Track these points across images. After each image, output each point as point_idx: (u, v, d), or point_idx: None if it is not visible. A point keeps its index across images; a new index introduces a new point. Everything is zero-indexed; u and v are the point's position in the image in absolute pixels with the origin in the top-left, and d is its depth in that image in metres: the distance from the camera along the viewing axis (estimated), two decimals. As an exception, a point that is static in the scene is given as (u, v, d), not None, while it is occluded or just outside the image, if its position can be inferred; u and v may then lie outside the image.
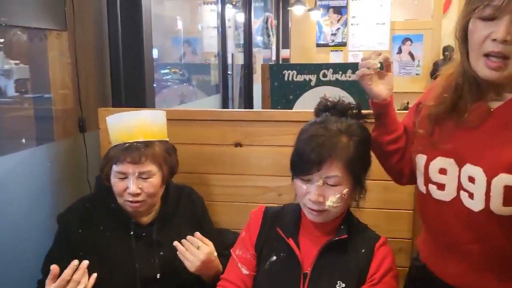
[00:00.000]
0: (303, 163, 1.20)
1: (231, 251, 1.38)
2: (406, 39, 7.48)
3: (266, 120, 1.76)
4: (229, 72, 4.09)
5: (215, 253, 1.40)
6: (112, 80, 2.02)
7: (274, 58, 6.50)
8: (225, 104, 4.00)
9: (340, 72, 3.74)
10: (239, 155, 1.80)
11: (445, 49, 6.95)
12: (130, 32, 2.00)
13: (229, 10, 4.73)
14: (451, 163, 1.11)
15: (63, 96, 1.81)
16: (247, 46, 4.72)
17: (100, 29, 1.97)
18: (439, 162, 1.13)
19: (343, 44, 7.49)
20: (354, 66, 3.80)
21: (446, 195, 1.13)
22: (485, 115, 1.09)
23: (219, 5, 4.04)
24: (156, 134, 1.45)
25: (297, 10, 6.24)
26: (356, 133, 1.23)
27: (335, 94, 3.75)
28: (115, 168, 1.39)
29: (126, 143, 1.38)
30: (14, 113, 1.83)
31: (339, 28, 7.48)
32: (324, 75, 3.77)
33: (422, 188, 1.19)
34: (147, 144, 1.40)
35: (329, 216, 1.23)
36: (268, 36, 5.66)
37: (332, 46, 7.53)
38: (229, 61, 4.10)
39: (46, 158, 1.68)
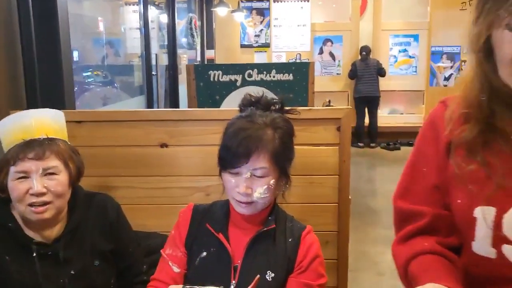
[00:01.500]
0: (231, 157, 1.22)
1: (161, 251, 1.36)
2: (327, 40, 7.74)
3: (191, 120, 1.74)
4: (153, 73, 4.00)
5: None
6: (26, 81, 1.89)
7: (199, 58, 6.46)
8: (150, 105, 3.92)
9: (265, 72, 3.81)
10: (165, 155, 1.76)
11: (362, 49, 7.28)
12: (45, 30, 1.89)
13: (152, 11, 4.64)
14: None
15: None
16: (171, 47, 4.65)
17: (9, 26, 1.84)
18: None
19: (266, 45, 7.61)
20: (278, 66, 3.89)
21: None
22: None
23: (141, 5, 3.95)
24: (58, 132, 1.33)
25: (220, 11, 6.25)
26: (281, 125, 1.27)
27: (260, 93, 3.76)
28: (13, 169, 1.23)
29: (27, 140, 1.25)
30: None
31: (262, 30, 7.59)
32: (250, 75, 3.82)
33: (487, 251, 0.88)
34: (50, 139, 1.28)
35: (257, 207, 1.26)
36: (192, 37, 5.62)
37: (256, 47, 7.62)
38: (153, 62, 4.01)
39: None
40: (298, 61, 7.51)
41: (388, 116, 7.79)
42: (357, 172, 6.06)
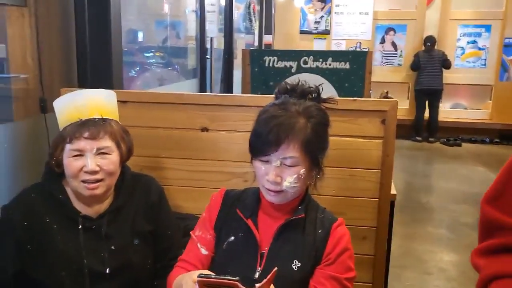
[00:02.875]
0: (261, 144, 1.20)
1: (190, 233, 1.37)
2: (390, 29, 7.47)
3: (232, 105, 1.73)
4: (207, 57, 4.03)
5: None
6: (78, 60, 1.96)
7: (256, 43, 6.44)
8: (202, 88, 3.96)
9: (321, 60, 3.73)
10: (205, 140, 1.77)
11: (427, 39, 6.96)
12: (97, 14, 1.94)
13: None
14: None
15: (23, 76, 1.75)
16: (227, 31, 4.66)
17: (65, 7, 1.91)
18: None
19: (326, 32, 7.46)
20: (335, 54, 3.79)
21: None
22: None
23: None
24: (111, 113, 1.38)
25: (280, -4, 6.19)
26: (314, 114, 1.23)
27: (315, 81, 3.74)
28: (69, 147, 1.29)
29: (83, 119, 1.30)
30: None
31: (322, 16, 7.44)
32: (305, 62, 3.76)
33: None
34: (104, 120, 1.33)
35: (286, 196, 1.24)
36: (250, 21, 5.60)
37: (316, 34, 7.49)
38: (208, 45, 4.04)
39: (3, 139, 1.63)
40: (358, 49, 7.31)
41: (450, 111, 7.44)
42: (413, 166, 5.87)
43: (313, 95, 1.29)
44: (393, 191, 2.30)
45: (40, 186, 1.40)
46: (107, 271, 1.35)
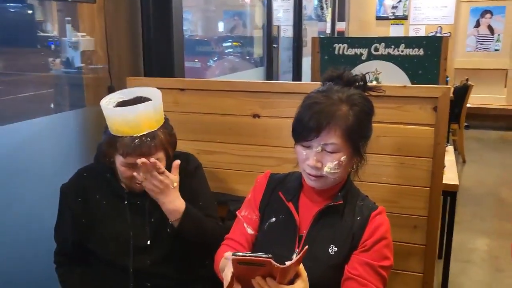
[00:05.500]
0: (302, 129, 1.24)
1: (236, 212, 1.44)
2: (486, 12, 6.99)
3: (282, 92, 1.77)
4: (274, 45, 4.07)
5: (175, 184, 1.40)
6: (144, 51, 2.10)
7: (329, 31, 6.37)
8: (269, 77, 4.02)
9: (393, 46, 3.63)
10: (257, 125, 1.83)
11: None
12: (160, 4, 2.07)
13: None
14: None
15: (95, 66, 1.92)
16: (296, 19, 4.66)
17: (131, 2, 2.05)
18: None
19: (404, 18, 7.18)
20: (408, 40, 3.66)
21: None
22: None
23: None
24: (159, 121, 1.42)
25: (353, -18, 6.05)
26: (357, 102, 1.24)
27: (386, 68, 3.66)
28: (122, 159, 1.38)
29: (134, 138, 1.35)
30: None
31: (400, 1, 7.16)
32: (376, 49, 3.68)
33: None
34: (154, 135, 1.38)
35: (327, 182, 1.26)
36: (322, 8, 5.55)
37: (393, 19, 7.24)
38: (275, 33, 4.08)
39: (76, 123, 1.81)
40: (438, 34, 6.96)
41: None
42: (501, 159, 5.52)
43: (359, 83, 1.31)
44: (454, 182, 2.24)
45: (92, 167, 1.54)
46: (148, 243, 1.45)
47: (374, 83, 3.72)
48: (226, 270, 1.09)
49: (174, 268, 1.48)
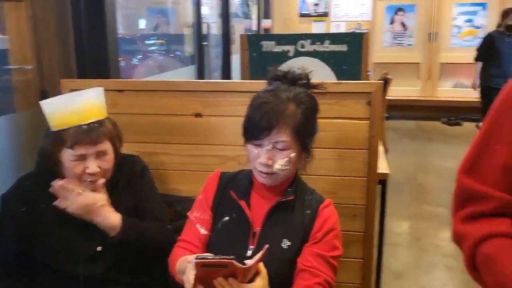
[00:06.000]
0: (253, 129, 1.28)
1: (187, 214, 1.45)
2: (399, 9, 7.42)
3: (224, 91, 1.80)
4: (204, 43, 4.07)
5: (100, 203, 1.40)
6: (76, 52, 2.03)
7: (255, 28, 6.46)
8: (200, 75, 4.01)
9: (318, 43, 3.76)
10: (199, 125, 1.84)
11: (507, 13, 5.68)
12: (92, 5, 2.00)
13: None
14: None
15: (23, 68, 1.82)
16: (224, 17, 4.69)
17: (60, 2, 1.97)
18: None
19: (325, 14, 7.45)
20: (332, 37, 3.80)
21: None
22: None
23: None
24: (104, 112, 1.44)
25: (277, -20, 6.18)
26: (304, 100, 1.31)
27: (313, 64, 3.78)
28: (70, 151, 1.36)
29: (81, 125, 1.35)
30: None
31: (322, -2, 7.43)
32: (302, 46, 3.79)
33: None
34: (101, 122, 1.40)
35: (277, 178, 1.32)
36: (248, 6, 5.61)
37: (315, 16, 7.48)
38: (205, 31, 4.08)
39: (5, 130, 1.71)
40: (357, 31, 7.30)
41: (451, 90, 7.45)
42: (414, 146, 5.92)
43: (303, 81, 1.36)
44: (385, 171, 2.39)
45: (34, 174, 1.50)
46: (99, 249, 1.42)
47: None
48: (188, 273, 1.10)
49: (127, 273, 1.45)
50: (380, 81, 1.75)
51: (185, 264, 1.17)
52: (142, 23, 4.02)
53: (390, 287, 2.75)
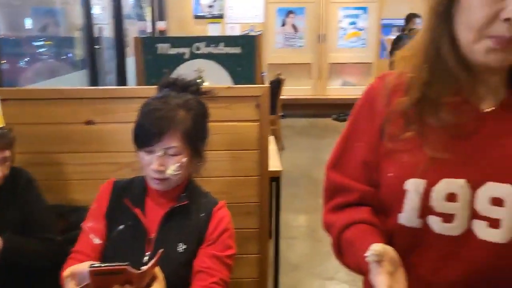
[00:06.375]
0: (144, 136, 1.31)
1: (81, 225, 1.43)
2: (290, 12, 7.74)
3: (116, 97, 1.80)
4: (96, 46, 3.95)
5: None
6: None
7: (150, 30, 6.37)
8: (93, 79, 3.89)
9: (213, 45, 3.83)
10: (91, 132, 1.82)
11: (409, 18, 6.27)
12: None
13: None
14: (462, 185, 0.87)
15: None
16: (117, 18, 4.58)
17: None
18: (445, 185, 0.87)
19: (220, 16, 7.56)
20: (226, 39, 3.90)
21: (455, 228, 0.89)
22: (477, 120, 0.89)
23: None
24: (1, 121, 1.40)
25: (169, -18, 6.15)
26: (193, 107, 1.36)
27: (208, 66, 3.84)
28: None
29: None
30: None
31: (216, 0, 7.52)
32: (198, 48, 3.83)
33: (413, 222, 0.91)
34: (4, 130, 1.37)
35: (170, 183, 1.35)
36: (141, 7, 5.53)
37: (210, 18, 7.56)
38: (97, 34, 3.96)
39: None
40: (252, 32, 7.52)
41: (340, 88, 7.97)
42: (308, 143, 6.25)
43: (194, 88, 1.42)
44: (278, 168, 2.52)
45: None
46: None
47: (198, 81, 3.88)
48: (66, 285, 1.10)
49: None
50: (267, 86, 1.87)
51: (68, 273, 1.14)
52: (28, 23, 3.80)
53: (287, 279, 2.90)
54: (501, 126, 0.89)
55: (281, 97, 5.81)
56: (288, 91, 6.87)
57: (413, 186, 0.89)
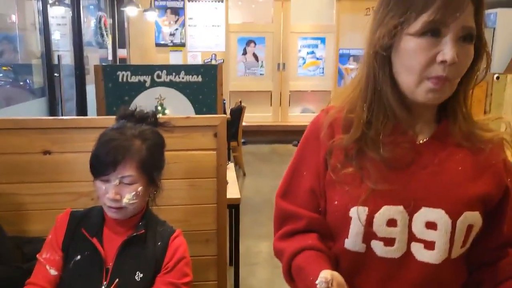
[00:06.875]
0: (100, 165, 1.33)
1: (37, 256, 1.43)
2: (250, 41, 7.91)
3: (73, 127, 1.81)
4: (55, 74, 3.93)
5: None
6: None
7: (110, 58, 6.37)
8: (52, 107, 3.85)
9: (174, 73, 3.88)
10: (48, 162, 1.81)
11: None
12: None
13: (61, 9, 4.55)
14: (401, 211, 0.94)
15: None
16: (77, 47, 4.58)
17: None
18: (386, 212, 0.94)
19: (182, 45, 7.64)
20: (187, 68, 3.95)
21: (396, 251, 0.96)
22: (413, 151, 0.97)
23: (40, 2, 3.84)
24: None
25: (130, 11, 6.20)
26: (149, 137, 1.40)
27: (170, 94, 3.89)
28: None
29: None
30: None
31: (177, 29, 7.61)
32: (159, 76, 3.87)
33: (358, 246, 0.98)
34: None
35: (127, 212, 1.38)
36: (102, 36, 5.55)
37: (171, 46, 7.64)
38: (56, 62, 3.94)
39: None
40: (213, 61, 7.63)
41: (300, 115, 8.14)
42: (270, 169, 6.32)
43: (151, 119, 1.46)
44: (236, 196, 2.58)
45: None
46: None
47: (159, 108, 3.92)
48: None
49: None
50: (224, 116, 1.93)
51: None
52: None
53: (247, 305, 2.92)
54: (433, 155, 0.97)
55: (242, 124, 5.90)
56: (250, 118, 6.99)
57: (357, 214, 0.95)
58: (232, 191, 2.55)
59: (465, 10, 0.87)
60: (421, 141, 0.99)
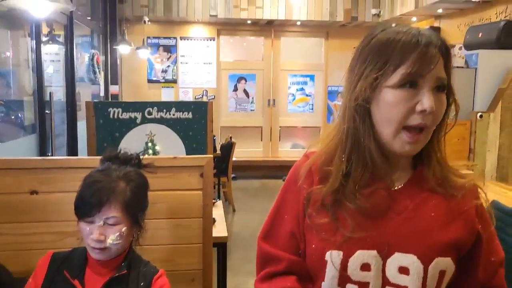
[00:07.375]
0: (85, 206, 1.36)
1: None
2: (241, 78, 8.06)
3: (61, 167, 1.84)
4: (47, 111, 3.97)
5: None
6: None
7: (102, 94, 6.44)
8: (42, 144, 3.87)
9: (165, 110, 3.92)
10: (35, 202, 1.83)
11: None
12: None
13: (54, 46, 4.63)
14: (374, 255, 0.97)
15: None
16: (69, 84, 4.64)
17: None
18: (360, 256, 0.97)
19: (174, 81, 7.76)
20: (178, 105, 4.01)
21: None
22: (388, 198, 1.01)
23: (34, 40, 3.92)
24: None
25: (122, 49, 6.32)
26: (133, 178, 1.43)
27: (160, 131, 3.94)
28: None
29: None
30: None
31: (169, 66, 7.75)
32: (149, 113, 3.91)
33: None
34: None
35: (111, 253, 1.39)
36: (94, 73, 5.63)
37: (163, 82, 7.75)
38: (48, 98, 3.98)
39: None
40: (204, 97, 7.74)
41: (290, 151, 8.21)
42: (258, 204, 6.33)
43: (135, 161, 1.50)
44: (223, 234, 2.58)
45: None
46: None
47: (150, 145, 3.95)
48: None
49: None
50: (210, 156, 1.97)
51: None
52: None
53: None
54: (408, 201, 1.01)
55: (233, 159, 5.94)
56: (240, 153, 7.04)
57: (332, 258, 0.98)
58: (220, 229, 2.56)
59: (438, 62, 0.94)
60: (396, 188, 1.02)
